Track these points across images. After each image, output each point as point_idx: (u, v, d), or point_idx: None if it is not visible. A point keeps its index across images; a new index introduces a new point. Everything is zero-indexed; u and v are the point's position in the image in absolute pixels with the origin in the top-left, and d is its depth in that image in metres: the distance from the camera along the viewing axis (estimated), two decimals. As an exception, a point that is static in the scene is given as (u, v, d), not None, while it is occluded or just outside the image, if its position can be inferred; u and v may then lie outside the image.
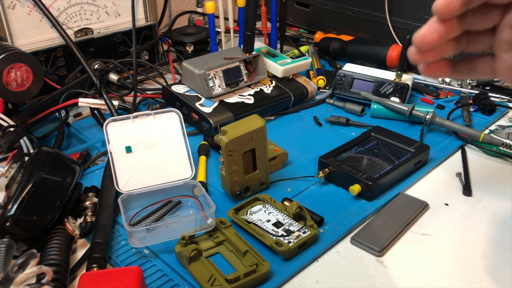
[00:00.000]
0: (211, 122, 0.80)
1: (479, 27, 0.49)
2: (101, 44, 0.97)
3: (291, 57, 0.98)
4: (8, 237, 0.54)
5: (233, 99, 0.86)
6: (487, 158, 0.77)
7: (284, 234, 0.59)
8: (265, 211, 0.63)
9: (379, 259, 0.58)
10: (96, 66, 0.93)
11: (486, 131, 0.81)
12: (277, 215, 0.63)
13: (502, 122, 0.88)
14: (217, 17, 1.10)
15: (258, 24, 1.10)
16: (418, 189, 0.70)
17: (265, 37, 1.10)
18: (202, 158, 0.75)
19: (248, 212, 0.63)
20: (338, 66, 1.08)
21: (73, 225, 0.58)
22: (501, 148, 0.76)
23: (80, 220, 0.62)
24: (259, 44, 0.99)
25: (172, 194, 0.66)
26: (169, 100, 0.89)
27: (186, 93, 0.86)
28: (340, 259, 0.58)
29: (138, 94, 0.90)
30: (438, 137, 0.82)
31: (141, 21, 1.03)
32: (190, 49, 1.08)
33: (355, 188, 0.66)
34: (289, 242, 0.57)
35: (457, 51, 0.50)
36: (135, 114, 0.68)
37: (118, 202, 0.62)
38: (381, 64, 1.02)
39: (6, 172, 0.59)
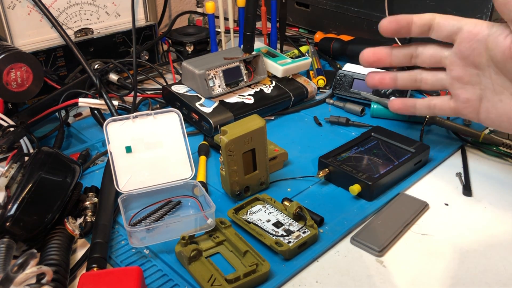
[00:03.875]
0: (211, 122, 0.80)
1: (426, 63, 0.53)
2: (101, 44, 0.97)
3: (291, 57, 0.98)
4: (8, 237, 0.54)
5: (233, 99, 0.86)
6: (487, 158, 0.77)
7: (284, 234, 0.59)
8: (265, 211, 0.63)
9: (379, 259, 0.58)
10: (96, 66, 0.93)
11: (486, 131, 0.81)
12: (277, 215, 0.63)
13: (502, 122, 0.88)
14: (217, 17, 1.11)
15: (258, 24, 1.10)
16: (418, 189, 0.70)
17: (265, 37, 1.10)
18: (202, 158, 0.75)
19: (248, 212, 0.63)
20: (338, 66, 1.08)
21: (73, 225, 0.58)
22: (501, 148, 0.76)
23: (80, 220, 0.62)
24: (259, 44, 0.99)
25: (172, 194, 0.66)
26: (169, 100, 0.89)
27: (186, 93, 0.86)
28: (340, 259, 0.58)
29: (138, 94, 0.90)
30: (438, 137, 0.82)
31: (141, 21, 1.03)
32: (190, 49, 1.08)
33: (355, 188, 0.66)
34: (289, 242, 0.57)
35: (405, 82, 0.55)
36: (135, 114, 0.68)
37: (118, 202, 0.62)
38: (381, 64, 1.02)
39: (6, 172, 0.59)
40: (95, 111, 0.85)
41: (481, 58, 0.47)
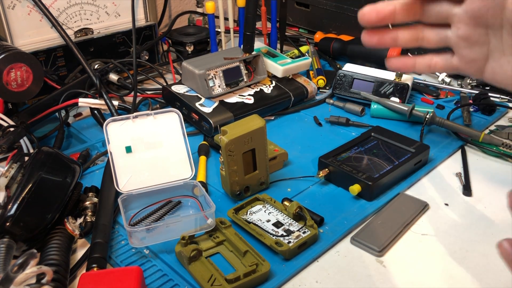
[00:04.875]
0: (211, 122, 0.80)
1: (432, 19, 0.49)
2: (101, 44, 0.97)
3: (291, 57, 0.98)
4: (8, 237, 0.54)
5: (233, 99, 0.86)
6: (487, 158, 0.77)
7: (284, 234, 0.59)
8: (265, 211, 0.63)
9: (379, 259, 0.58)
10: (96, 66, 0.93)
11: (486, 131, 0.81)
12: (277, 215, 0.63)
13: (502, 122, 0.88)
14: (217, 17, 1.10)
15: (258, 24, 1.10)
16: (418, 189, 0.70)
17: (265, 37, 1.10)
18: (202, 158, 0.75)
19: (248, 212, 0.63)
20: (338, 66, 1.08)
21: (73, 225, 0.58)
22: (501, 148, 0.76)
23: (80, 220, 0.62)
24: (259, 44, 0.99)
25: (172, 194, 0.66)
26: (169, 100, 0.89)
27: (186, 93, 0.86)
28: (340, 259, 0.58)
29: (138, 94, 0.90)
30: (438, 137, 0.82)
31: (141, 21, 1.03)
32: (190, 49, 1.07)
33: (355, 188, 0.66)
34: (289, 242, 0.57)
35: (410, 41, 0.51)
36: (135, 114, 0.68)
37: (118, 202, 0.62)
38: (381, 64, 1.01)
39: (6, 172, 0.59)
40: (95, 111, 0.85)
41: (495, 18, 0.45)
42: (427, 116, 0.81)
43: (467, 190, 0.69)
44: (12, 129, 0.73)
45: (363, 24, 0.50)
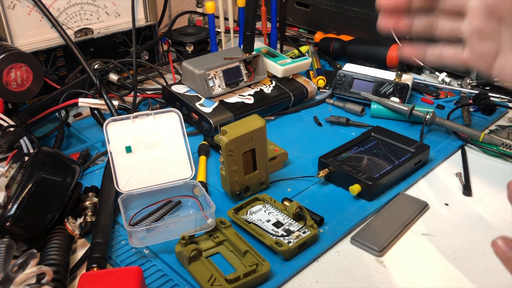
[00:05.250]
0: (211, 122, 0.80)
1: (447, 7, 0.49)
2: (101, 44, 0.97)
3: (291, 57, 0.98)
4: (8, 237, 0.54)
5: (233, 99, 0.86)
6: (487, 158, 0.77)
7: (284, 234, 0.59)
8: (265, 211, 0.63)
9: (379, 259, 0.58)
10: (96, 66, 0.93)
11: (486, 131, 0.81)
12: (277, 215, 0.63)
13: (502, 122, 0.88)
14: (217, 17, 1.10)
15: (258, 24, 1.10)
16: (418, 189, 0.70)
17: (265, 37, 1.10)
18: (202, 158, 0.75)
19: (248, 212, 0.63)
20: (338, 66, 1.08)
21: (73, 225, 0.58)
22: (501, 148, 0.76)
23: (80, 220, 0.62)
24: (259, 44, 0.99)
25: (172, 194, 0.66)
26: (169, 100, 0.89)
27: (186, 93, 0.86)
28: (340, 259, 0.58)
29: (138, 94, 0.90)
30: (438, 137, 0.82)
31: (141, 21, 1.03)
32: (190, 49, 1.07)
33: (355, 188, 0.66)
34: (289, 242, 0.57)
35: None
36: (135, 114, 0.68)
37: (118, 202, 0.62)
38: (381, 64, 1.02)
39: (6, 172, 0.59)
40: (95, 111, 0.85)
41: (508, 12, 0.45)
42: (427, 116, 0.81)
43: (467, 190, 0.69)
44: (12, 129, 0.73)
45: (380, 7, 0.50)
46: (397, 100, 0.88)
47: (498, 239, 0.43)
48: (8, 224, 0.54)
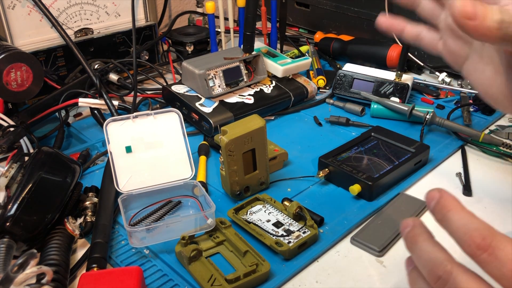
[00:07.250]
0: (211, 122, 0.80)
1: None
2: (101, 44, 0.97)
3: (291, 57, 0.98)
4: (8, 237, 0.54)
5: (233, 99, 0.86)
6: (487, 158, 0.77)
7: (284, 234, 0.59)
8: (265, 211, 0.63)
9: (379, 259, 0.58)
10: (96, 66, 0.93)
11: (486, 131, 0.81)
12: (277, 215, 0.63)
13: (502, 122, 0.88)
14: (217, 17, 1.10)
15: (258, 24, 1.10)
16: (418, 189, 0.70)
17: (265, 37, 1.10)
18: (202, 158, 0.75)
19: (248, 212, 0.63)
20: (338, 66, 1.08)
21: (73, 225, 0.58)
22: (501, 148, 0.76)
23: (80, 220, 0.62)
24: (259, 44, 0.99)
25: (172, 194, 0.66)
26: (169, 100, 0.89)
27: (186, 93, 0.86)
28: (340, 259, 0.58)
29: (138, 94, 0.90)
30: (438, 137, 0.82)
31: (141, 21, 1.03)
32: (190, 49, 1.08)
33: (355, 188, 0.66)
34: (289, 242, 0.57)
35: None
36: (135, 114, 0.68)
37: (118, 202, 0.62)
38: (381, 64, 1.02)
39: (6, 172, 0.59)
40: (95, 111, 0.85)
41: None
42: (427, 116, 0.81)
43: (467, 190, 0.69)
44: (12, 129, 0.73)
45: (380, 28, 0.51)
46: (397, 100, 0.88)
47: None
48: (8, 224, 0.54)
